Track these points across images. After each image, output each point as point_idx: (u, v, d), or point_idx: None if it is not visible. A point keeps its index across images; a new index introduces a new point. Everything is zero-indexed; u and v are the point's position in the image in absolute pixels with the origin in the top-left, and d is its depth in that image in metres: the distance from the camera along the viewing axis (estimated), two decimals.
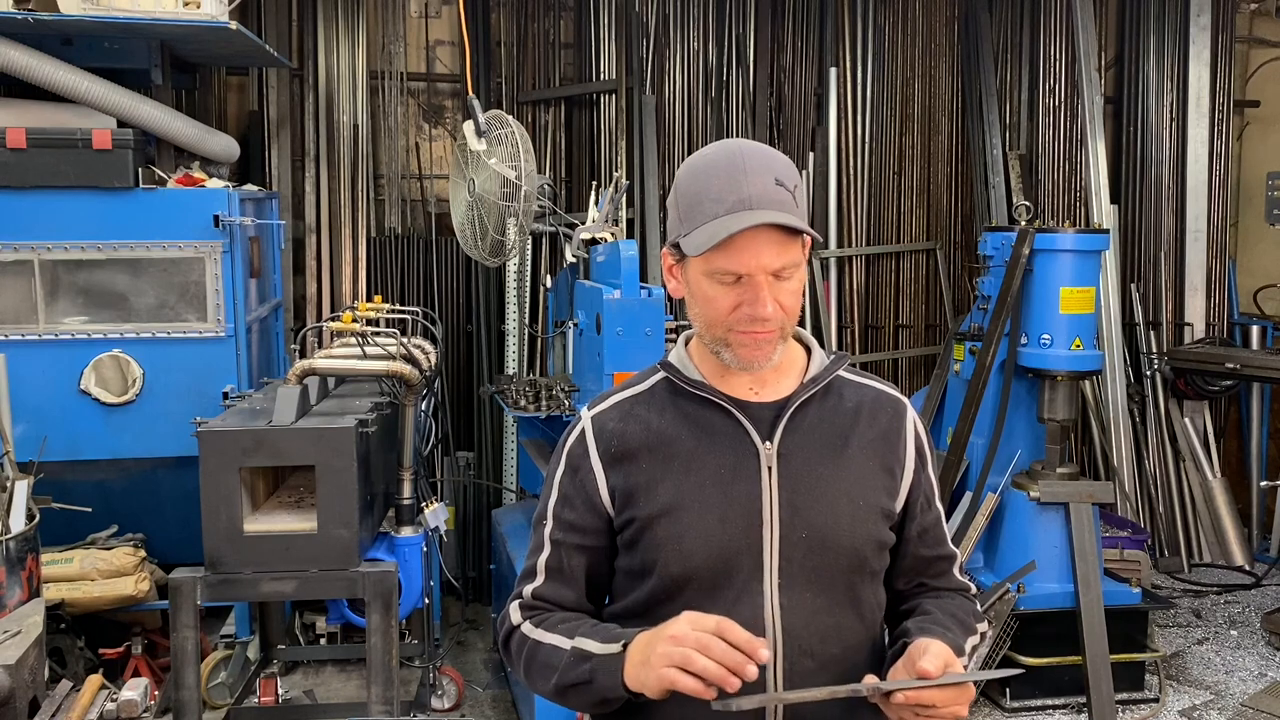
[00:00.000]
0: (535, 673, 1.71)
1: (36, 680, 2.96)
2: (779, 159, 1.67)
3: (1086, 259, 5.02)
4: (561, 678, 1.65)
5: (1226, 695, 5.09)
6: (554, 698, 1.70)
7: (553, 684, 1.67)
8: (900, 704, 1.56)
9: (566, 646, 1.66)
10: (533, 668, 1.72)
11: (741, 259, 1.62)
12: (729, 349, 1.69)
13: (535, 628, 1.73)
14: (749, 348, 1.67)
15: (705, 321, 1.70)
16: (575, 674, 1.63)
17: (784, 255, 1.63)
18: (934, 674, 1.55)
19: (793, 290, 1.67)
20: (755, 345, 1.66)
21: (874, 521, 1.74)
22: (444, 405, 5.99)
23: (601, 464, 1.74)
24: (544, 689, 1.70)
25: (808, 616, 1.68)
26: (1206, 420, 6.96)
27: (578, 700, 1.67)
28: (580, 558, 1.76)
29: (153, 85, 4.91)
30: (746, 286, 1.64)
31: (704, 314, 1.69)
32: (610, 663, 1.60)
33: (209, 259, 4.65)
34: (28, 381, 4.45)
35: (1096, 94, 6.65)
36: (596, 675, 1.61)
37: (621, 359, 4.14)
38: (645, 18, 6.48)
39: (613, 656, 1.60)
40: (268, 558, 3.71)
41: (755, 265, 1.62)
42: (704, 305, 1.69)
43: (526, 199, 4.79)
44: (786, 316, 1.67)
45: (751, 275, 1.62)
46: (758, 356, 1.67)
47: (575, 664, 1.64)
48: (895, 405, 1.82)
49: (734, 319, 1.65)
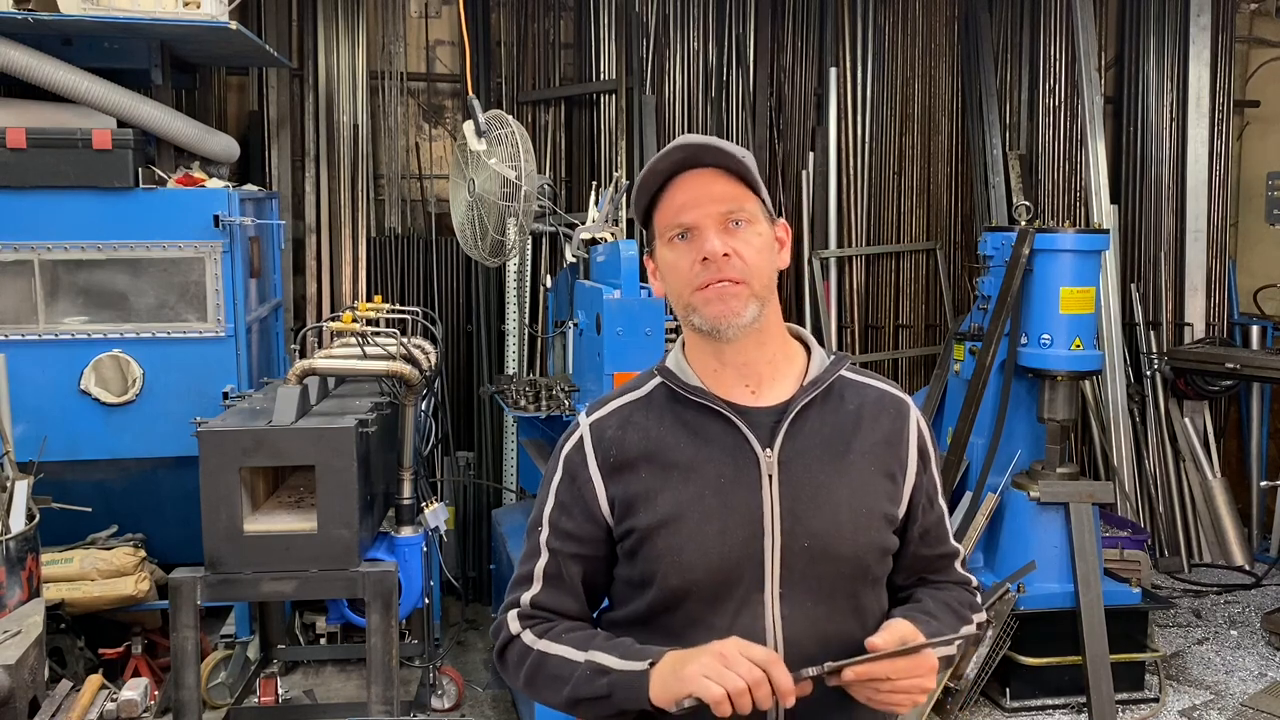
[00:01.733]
0: (542, 684, 1.69)
1: (36, 680, 2.96)
2: (727, 141, 1.70)
3: (1086, 259, 5.02)
4: (575, 691, 1.64)
5: (1226, 695, 5.09)
6: (564, 709, 1.69)
7: (564, 696, 1.65)
8: (851, 681, 1.56)
9: (579, 659, 1.64)
10: (538, 679, 1.69)
11: (684, 209, 1.65)
12: (696, 311, 1.67)
13: (539, 638, 1.71)
14: (713, 303, 1.65)
15: (674, 293, 1.70)
16: (591, 688, 1.62)
17: (729, 197, 1.65)
18: (881, 647, 1.56)
19: (751, 243, 1.66)
20: (720, 299, 1.65)
21: (876, 528, 1.72)
22: (444, 405, 5.99)
23: (600, 473, 1.72)
24: (552, 700, 1.68)
25: (809, 625, 1.67)
26: (1206, 420, 6.96)
27: (591, 713, 1.66)
28: (578, 566, 1.74)
29: (153, 85, 4.90)
30: (695, 237, 1.65)
31: (671, 285, 1.70)
32: (634, 679, 1.58)
33: (209, 259, 4.65)
34: (28, 381, 4.45)
35: (1096, 94, 6.65)
36: (616, 690, 1.59)
37: (621, 359, 4.14)
38: (645, 18, 6.48)
39: (637, 673, 1.58)
40: (268, 558, 3.71)
41: (700, 213, 1.64)
42: (669, 276, 1.70)
43: (526, 199, 4.79)
44: (749, 268, 1.65)
45: (696, 224, 1.65)
46: (724, 312, 1.65)
47: (591, 678, 1.62)
48: (898, 406, 1.80)
49: (693, 274, 1.65)
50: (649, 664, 1.58)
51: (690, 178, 1.65)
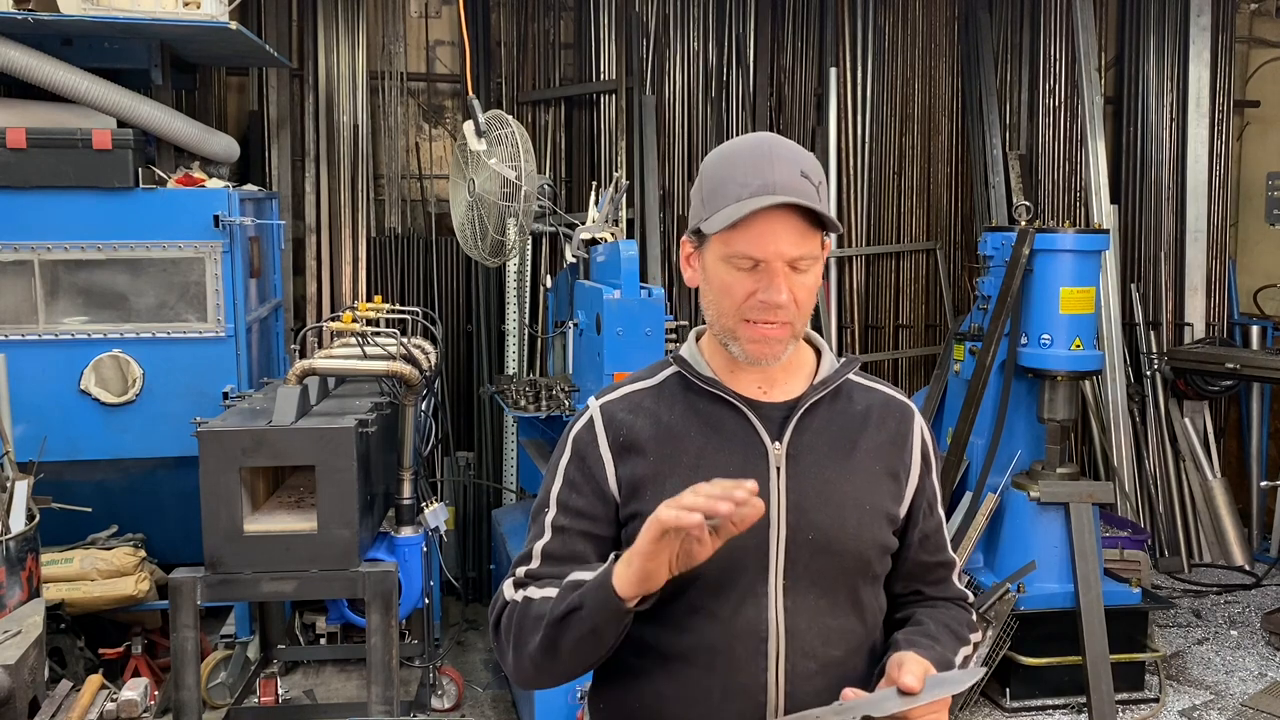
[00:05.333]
0: (527, 630, 1.65)
1: (36, 680, 2.96)
2: (807, 155, 1.68)
3: (1086, 259, 5.02)
4: (551, 614, 1.60)
5: (1226, 695, 5.09)
6: (544, 652, 1.63)
7: (543, 627, 1.61)
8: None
9: (555, 592, 1.63)
10: (524, 627, 1.66)
11: (760, 242, 1.62)
12: (738, 342, 1.67)
13: (525, 590, 1.69)
14: (758, 343, 1.66)
15: (718, 310, 1.69)
16: (565, 604, 1.59)
17: (802, 245, 1.63)
18: (918, 689, 1.55)
19: (808, 285, 1.66)
20: (765, 341, 1.65)
21: (879, 525, 1.73)
22: (444, 405, 6.00)
23: (610, 452, 1.72)
24: (533, 644, 1.64)
25: (811, 618, 1.68)
26: (1206, 420, 6.96)
27: (569, 636, 1.60)
28: (586, 545, 1.72)
29: (153, 85, 4.90)
30: (763, 273, 1.63)
31: (718, 302, 1.68)
32: (601, 577, 1.56)
33: (209, 259, 4.65)
34: (28, 381, 4.45)
35: (1096, 94, 6.65)
36: (586, 596, 1.56)
37: (621, 359, 4.14)
38: (645, 18, 6.48)
39: (603, 570, 1.56)
40: (268, 558, 3.71)
41: (773, 250, 1.62)
42: (719, 293, 1.68)
43: (526, 199, 4.79)
44: (799, 311, 1.66)
45: (768, 261, 1.62)
46: (766, 353, 1.66)
47: (565, 596, 1.60)
48: (903, 411, 1.82)
49: (747, 307, 1.64)
50: (613, 557, 1.57)
51: (778, 214, 1.61)
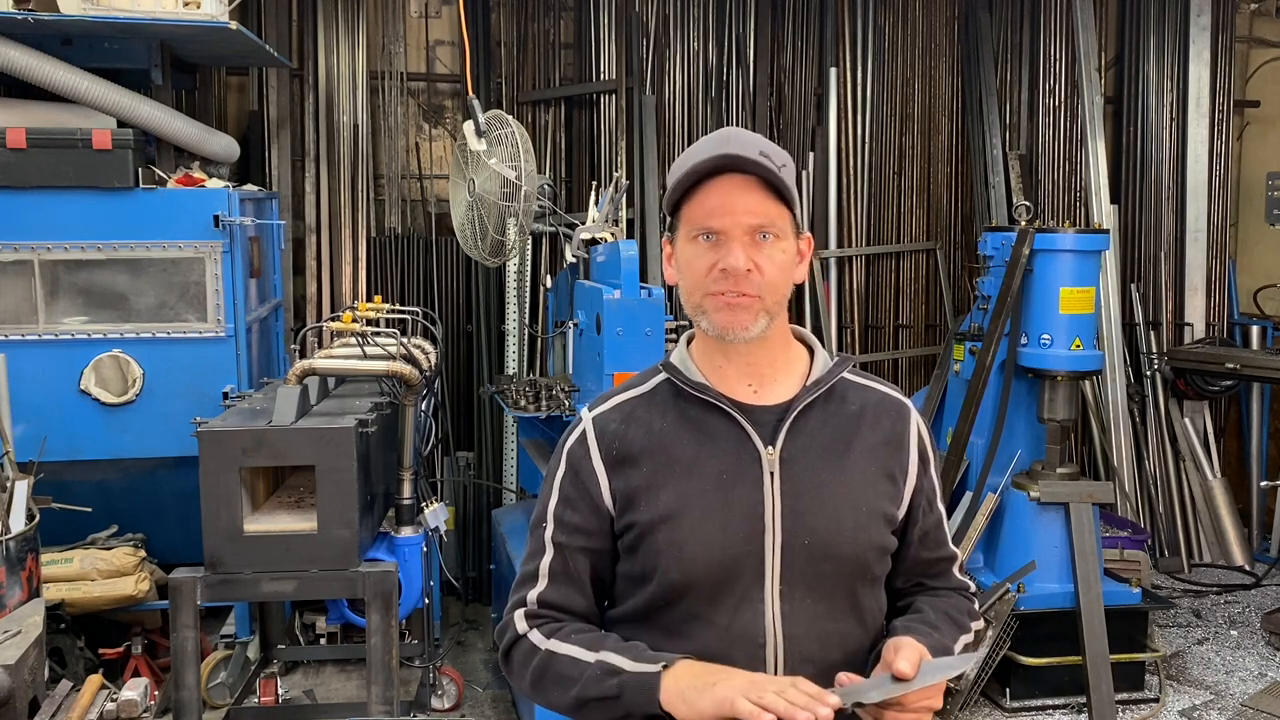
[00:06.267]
0: (549, 684, 1.67)
1: (36, 680, 2.96)
2: (771, 144, 1.69)
3: (1086, 259, 5.02)
4: (583, 691, 1.62)
5: (1226, 695, 5.09)
6: (570, 711, 1.67)
7: (572, 696, 1.64)
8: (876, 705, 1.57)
9: (589, 659, 1.63)
10: (546, 679, 1.68)
11: (718, 213, 1.63)
12: (706, 315, 1.68)
13: (547, 638, 1.69)
14: (723, 311, 1.65)
15: (686, 289, 1.70)
16: (600, 689, 1.60)
17: (761, 213, 1.63)
18: (911, 675, 1.56)
19: (776, 260, 1.66)
20: (730, 310, 1.65)
21: (876, 527, 1.72)
22: (444, 405, 6.00)
23: (604, 465, 1.72)
24: (558, 701, 1.67)
25: (809, 623, 1.67)
26: (1206, 420, 6.96)
27: (598, 714, 1.64)
28: (585, 560, 1.73)
29: (153, 85, 4.91)
30: (720, 243, 1.64)
31: (685, 282, 1.70)
32: (646, 680, 1.57)
33: (209, 259, 4.65)
34: (28, 381, 4.45)
35: (1096, 94, 6.65)
36: (626, 691, 1.58)
37: (621, 359, 4.14)
38: (645, 18, 6.48)
39: (649, 675, 1.57)
40: (268, 558, 3.71)
41: (730, 220, 1.63)
42: (685, 272, 1.69)
43: (526, 199, 4.79)
44: (766, 282, 1.65)
45: (725, 230, 1.63)
46: (733, 322, 1.65)
47: (601, 678, 1.61)
48: (899, 409, 1.81)
49: (709, 279, 1.65)
50: (662, 666, 1.58)
51: (728, 181, 1.64)
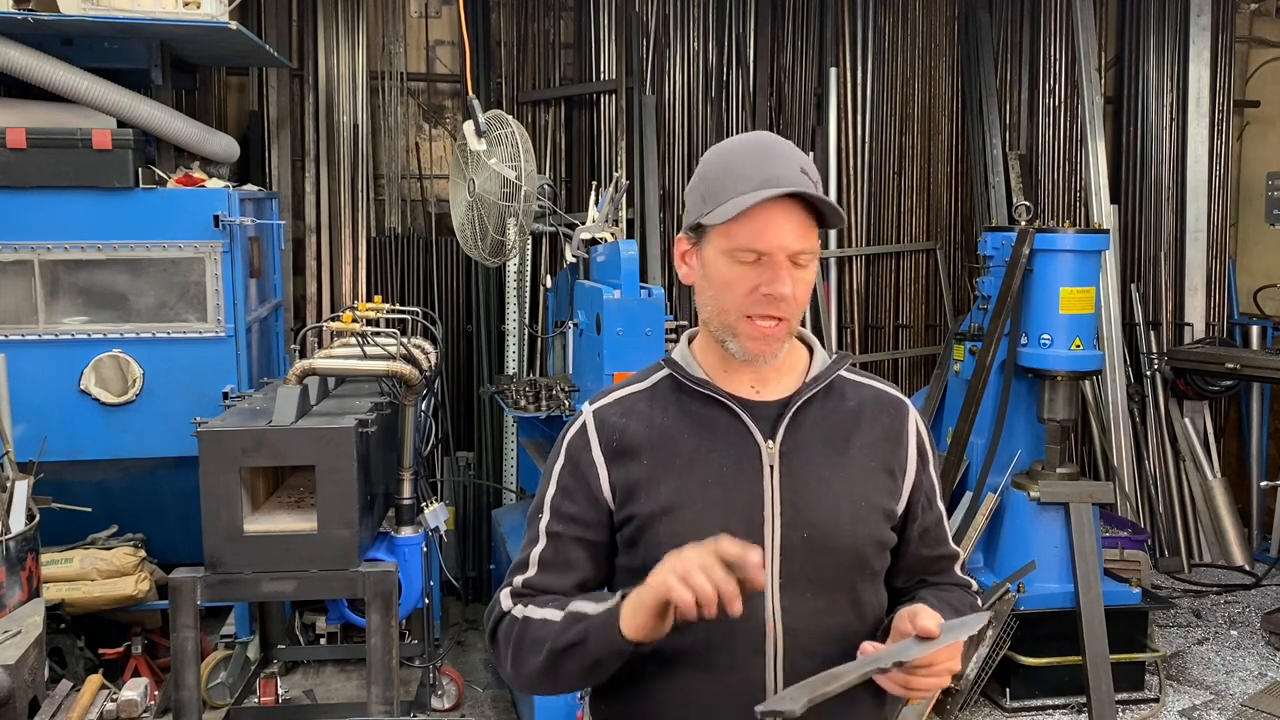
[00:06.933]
0: (526, 650, 1.67)
1: (36, 680, 2.96)
2: (805, 155, 1.70)
3: (1086, 259, 5.02)
4: (554, 642, 1.62)
5: (1226, 695, 5.09)
6: (544, 673, 1.66)
7: (544, 652, 1.63)
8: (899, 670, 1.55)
9: (558, 617, 1.64)
10: (523, 645, 1.68)
11: (765, 235, 1.62)
12: (736, 339, 1.68)
13: (525, 607, 1.71)
14: (758, 340, 1.66)
15: (717, 306, 1.69)
16: (569, 635, 1.61)
17: (804, 239, 1.64)
18: (936, 632, 1.55)
19: (807, 281, 1.67)
20: (764, 339, 1.66)
21: (875, 522, 1.73)
22: (444, 405, 6.00)
23: (603, 457, 1.72)
24: (534, 664, 1.66)
25: (809, 617, 1.68)
26: (1206, 420, 6.96)
27: (571, 665, 1.62)
28: (580, 551, 1.73)
29: (153, 85, 4.91)
30: (766, 266, 1.64)
31: (718, 298, 1.68)
32: (607, 616, 1.58)
33: (209, 259, 4.65)
34: (28, 381, 4.45)
35: (1096, 94, 6.65)
36: (591, 632, 1.58)
37: (621, 359, 4.14)
38: (645, 18, 6.48)
39: (609, 610, 1.58)
40: (268, 558, 3.71)
41: (777, 244, 1.62)
42: (719, 288, 1.68)
43: (526, 199, 4.79)
44: (797, 307, 1.67)
45: (772, 254, 1.63)
46: (765, 351, 1.67)
47: (569, 626, 1.61)
48: (897, 406, 1.82)
49: (750, 301, 1.65)
50: (620, 596, 1.58)
51: (781, 207, 1.63)
